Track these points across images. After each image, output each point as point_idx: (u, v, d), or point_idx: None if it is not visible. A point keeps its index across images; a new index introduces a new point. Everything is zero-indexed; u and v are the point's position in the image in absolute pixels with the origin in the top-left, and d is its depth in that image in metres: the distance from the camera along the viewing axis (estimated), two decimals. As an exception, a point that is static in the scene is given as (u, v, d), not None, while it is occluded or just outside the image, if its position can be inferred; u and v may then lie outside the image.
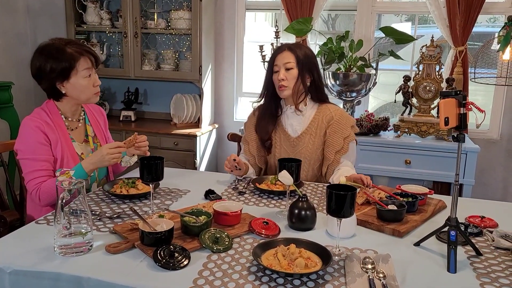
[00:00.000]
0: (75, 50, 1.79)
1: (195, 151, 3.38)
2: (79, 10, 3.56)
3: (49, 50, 1.78)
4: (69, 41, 1.83)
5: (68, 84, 1.81)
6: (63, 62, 1.76)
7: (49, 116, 1.85)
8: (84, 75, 1.80)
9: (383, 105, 4.59)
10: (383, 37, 3.34)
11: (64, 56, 1.76)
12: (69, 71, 1.77)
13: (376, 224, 1.57)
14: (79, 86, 1.81)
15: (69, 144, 1.87)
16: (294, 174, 1.64)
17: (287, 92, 2.07)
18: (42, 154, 1.78)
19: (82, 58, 1.79)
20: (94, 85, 1.85)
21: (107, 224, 1.54)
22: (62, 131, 1.86)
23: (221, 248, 1.36)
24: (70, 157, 1.84)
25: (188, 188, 1.95)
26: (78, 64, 1.78)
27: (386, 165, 3.12)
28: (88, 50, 1.84)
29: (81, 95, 1.84)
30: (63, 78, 1.79)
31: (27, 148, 1.77)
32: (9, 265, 1.25)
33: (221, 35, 3.72)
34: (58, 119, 1.87)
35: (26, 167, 1.77)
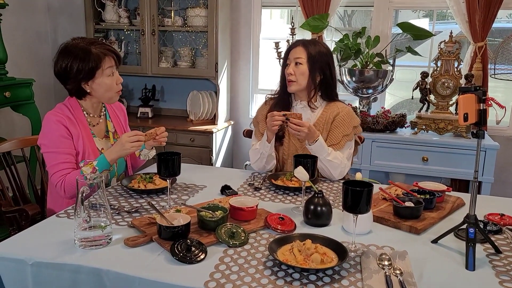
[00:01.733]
0: (100, 50, 1.82)
1: (211, 147, 3.40)
2: (98, 8, 3.61)
3: (75, 51, 1.80)
4: (93, 41, 1.86)
5: (93, 84, 1.84)
6: (90, 62, 1.79)
7: (71, 111, 1.88)
8: (108, 74, 1.84)
9: (399, 102, 4.54)
10: (400, 33, 3.31)
11: (91, 56, 1.79)
12: (95, 71, 1.81)
13: (392, 221, 1.57)
14: (104, 85, 1.85)
15: (90, 139, 1.90)
16: (310, 170, 1.64)
17: (294, 87, 2.07)
18: (65, 147, 1.81)
19: (106, 58, 1.83)
20: (117, 83, 1.88)
21: (125, 218, 1.57)
22: (84, 126, 1.89)
23: (237, 243, 1.37)
24: (91, 151, 1.88)
25: (204, 184, 1.96)
26: (103, 64, 1.81)
27: (402, 162, 3.09)
28: (111, 49, 1.88)
29: (105, 94, 1.88)
30: (89, 78, 1.82)
31: (50, 142, 1.81)
32: (31, 257, 1.28)
33: (237, 32, 3.73)
34: (80, 114, 1.90)
35: (50, 160, 1.81)
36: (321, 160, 1.97)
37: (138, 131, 1.83)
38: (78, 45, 1.82)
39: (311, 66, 2.04)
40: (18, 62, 3.55)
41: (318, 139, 1.94)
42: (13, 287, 1.31)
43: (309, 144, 1.95)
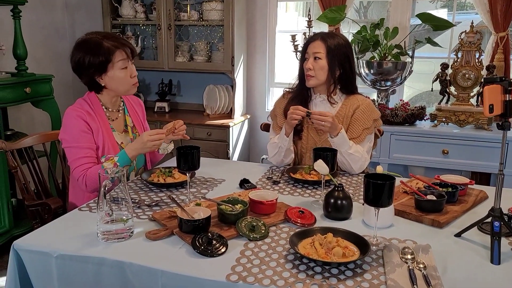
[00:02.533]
0: (111, 43, 1.82)
1: (228, 142, 3.41)
2: (114, 3, 3.63)
3: (87, 45, 1.83)
4: (106, 35, 1.87)
5: (106, 77, 1.85)
6: (100, 56, 1.80)
7: (90, 106, 1.90)
8: (120, 67, 1.84)
9: (418, 94, 4.47)
10: (419, 24, 3.25)
11: (101, 50, 1.80)
12: (106, 64, 1.82)
13: (414, 215, 1.55)
14: (117, 78, 1.85)
15: (110, 133, 1.92)
16: (330, 164, 1.63)
17: (313, 81, 2.05)
18: (85, 142, 1.83)
19: (117, 51, 1.82)
20: (131, 76, 1.88)
21: (146, 211, 1.58)
22: (103, 121, 1.91)
23: (257, 236, 1.37)
24: (110, 146, 1.89)
25: (223, 177, 1.97)
26: (114, 57, 1.82)
27: (422, 155, 3.05)
28: (124, 42, 1.88)
29: (119, 87, 1.89)
30: (101, 72, 1.84)
31: (71, 137, 1.83)
32: (55, 250, 1.30)
33: (253, 25, 3.71)
34: (99, 109, 1.92)
35: (71, 155, 1.83)
36: (342, 154, 1.95)
37: (160, 129, 1.83)
38: (91, 39, 1.83)
39: (330, 60, 2.02)
40: (38, 58, 3.60)
41: (341, 131, 1.92)
42: (38, 279, 1.34)
43: (332, 136, 1.93)
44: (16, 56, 2.95)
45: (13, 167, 1.98)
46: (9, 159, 1.98)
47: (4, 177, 2.73)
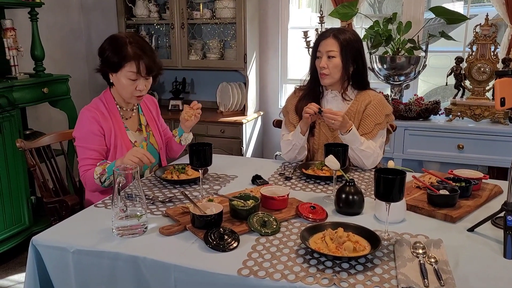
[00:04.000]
0: (132, 52, 1.82)
1: (241, 138, 3.43)
2: (128, 4, 3.68)
3: (113, 41, 1.87)
4: (137, 42, 1.86)
5: (115, 77, 1.89)
6: (116, 56, 1.83)
7: (105, 105, 1.94)
8: (127, 76, 1.85)
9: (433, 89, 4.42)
10: (433, 18, 3.21)
11: (121, 52, 1.82)
12: (117, 66, 1.85)
13: (426, 209, 1.54)
14: (121, 83, 1.88)
15: (123, 132, 1.96)
16: (341, 159, 1.63)
17: (328, 80, 2.05)
18: (93, 143, 1.88)
19: (132, 62, 1.83)
20: (136, 89, 1.88)
21: (159, 207, 1.61)
22: (117, 120, 1.95)
23: (269, 232, 1.39)
24: (123, 144, 1.93)
25: (235, 174, 1.98)
26: (126, 65, 1.83)
27: (437, 150, 3.02)
28: (145, 58, 1.83)
29: (122, 91, 1.92)
30: (111, 70, 1.88)
31: (82, 136, 1.89)
32: (72, 245, 1.34)
33: (265, 22, 3.72)
34: (114, 108, 1.96)
35: (80, 153, 1.90)
36: (353, 150, 1.95)
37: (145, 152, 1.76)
38: (120, 38, 1.86)
39: (344, 57, 2.01)
40: (55, 58, 3.67)
41: (351, 129, 1.91)
42: (56, 273, 1.38)
43: (342, 134, 1.93)
44: (34, 57, 3.02)
45: (32, 166, 2.03)
46: (28, 158, 2.03)
47: (24, 176, 2.80)
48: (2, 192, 2.68)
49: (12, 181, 2.74)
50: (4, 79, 2.78)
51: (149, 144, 2.06)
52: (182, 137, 2.11)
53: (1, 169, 2.66)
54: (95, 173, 1.81)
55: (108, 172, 1.80)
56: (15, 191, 2.77)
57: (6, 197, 2.71)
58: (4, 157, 2.68)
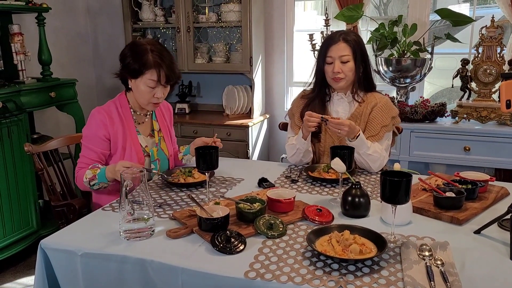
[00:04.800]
0: (153, 60, 1.84)
1: (247, 141, 3.44)
2: (135, 8, 3.71)
3: (134, 47, 1.88)
4: (158, 50, 1.87)
5: (133, 83, 1.91)
6: (136, 63, 1.85)
7: (118, 109, 1.96)
8: (147, 84, 1.86)
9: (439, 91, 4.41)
10: (439, 20, 3.21)
11: (141, 59, 1.84)
12: (137, 73, 1.86)
13: (433, 212, 1.54)
14: (140, 90, 1.90)
15: (134, 136, 1.98)
16: (347, 162, 1.63)
17: (343, 83, 2.05)
18: (95, 146, 1.91)
19: (152, 70, 1.84)
20: (154, 96, 1.90)
21: (166, 211, 1.62)
22: (129, 124, 1.97)
23: (275, 234, 1.39)
24: (133, 148, 1.95)
25: (241, 177, 1.99)
26: (146, 73, 1.85)
27: (443, 153, 3.01)
28: (165, 67, 1.85)
29: (139, 97, 1.94)
30: (131, 76, 1.89)
31: (87, 136, 1.92)
32: (80, 248, 1.35)
33: (271, 25, 3.73)
34: (127, 112, 1.98)
35: (82, 150, 1.94)
36: (361, 155, 1.95)
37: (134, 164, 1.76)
38: (141, 45, 1.88)
39: (355, 60, 2.02)
40: (62, 62, 3.70)
41: (359, 134, 1.91)
42: (64, 276, 1.39)
43: (350, 140, 1.93)
44: (41, 61, 3.05)
45: (39, 169, 2.05)
46: (36, 162, 2.05)
47: (31, 179, 2.83)
48: (10, 195, 2.71)
49: (20, 185, 2.77)
50: (12, 84, 2.81)
51: (160, 149, 2.08)
52: (186, 156, 2.15)
53: (9, 172, 2.69)
54: (84, 176, 1.84)
55: (98, 179, 1.82)
56: (23, 195, 2.79)
57: (14, 201, 2.74)
58: (12, 160, 2.70)
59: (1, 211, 2.66)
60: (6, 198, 2.68)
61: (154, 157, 2.05)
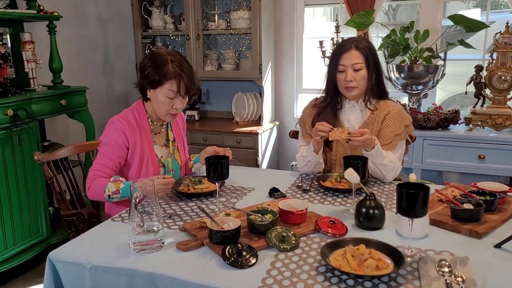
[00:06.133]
0: (173, 70, 1.82)
1: (257, 149, 3.41)
2: (145, 15, 3.71)
3: (154, 58, 1.86)
4: (178, 61, 1.85)
5: (152, 94, 1.89)
6: (156, 74, 1.83)
7: (136, 117, 1.94)
8: (166, 94, 1.85)
9: (451, 97, 4.35)
10: (451, 26, 3.16)
11: (161, 70, 1.82)
12: (157, 84, 1.84)
13: (450, 224, 1.49)
14: (158, 101, 1.88)
15: (151, 146, 1.96)
16: (360, 172, 1.60)
17: (356, 92, 2.01)
18: (113, 154, 1.88)
19: (172, 81, 1.82)
20: (173, 107, 1.88)
21: (176, 222, 1.59)
22: (146, 133, 1.95)
23: (288, 247, 1.36)
24: (149, 158, 1.94)
25: (252, 186, 1.96)
26: (166, 83, 1.83)
27: (457, 161, 2.96)
28: (186, 78, 1.83)
29: (157, 108, 1.92)
30: (151, 86, 1.87)
31: (105, 143, 1.89)
32: (88, 261, 1.33)
33: (280, 32, 3.71)
34: (145, 121, 1.97)
35: (98, 157, 1.91)
36: (376, 165, 1.92)
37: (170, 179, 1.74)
38: (161, 55, 1.86)
39: (369, 68, 1.99)
40: (73, 70, 3.71)
41: (376, 144, 1.86)
42: (73, 289, 1.37)
43: (367, 150, 1.88)
44: (52, 69, 3.05)
45: (49, 178, 2.04)
46: (46, 171, 2.04)
47: (42, 187, 2.82)
48: (21, 203, 2.70)
49: (31, 192, 2.76)
50: (23, 92, 2.81)
51: (173, 160, 2.06)
52: (196, 165, 2.14)
53: (20, 180, 2.69)
54: (106, 189, 1.78)
55: (122, 193, 1.78)
56: (33, 202, 2.79)
57: (25, 208, 2.74)
58: (23, 168, 2.70)
59: (11, 219, 2.65)
60: (16, 206, 2.67)
61: (169, 168, 2.03)
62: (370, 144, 1.85)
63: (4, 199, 2.60)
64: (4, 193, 2.59)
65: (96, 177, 1.85)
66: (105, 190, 1.79)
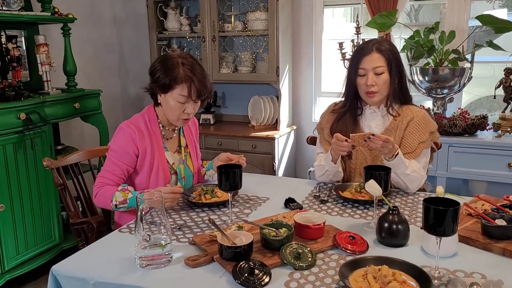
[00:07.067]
0: (184, 74, 1.75)
1: (273, 154, 3.31)
2: (160, 17, 3.66)
3: (165, 61, 1.80)
4: (190, 64, 1.78)
5: (163, 98, 1.82)
6: (167, 78, 1.76)
7: (146, 124, 1.88)
8: (177, 99, 1.78)
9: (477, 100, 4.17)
10: (478, 27, 3.01)
11: (171, 73, 1.75)
12: (167, 88, 1.78)
13: (481, 242, 1.38)
14: (168, 105, 1.81)
15: (162, 153, 1.89)
16: (382, 184, 1.49)
17: (377, 98, 1.90)
18: (122, 161, 1.82)
19: (183, 84, 1.75)
20: (184, 112, 1.82)
21: (186, 234, 1.51)
22: (157, 139, 1.89)
23: (303, 265, 1.26)
24: (160, 166, 1.87)
25: (267, 196, 1.87)
26: (177, 88, 1.76)
27: (484, 169, 2.80)
28: (197, 82, 1.76)
29: (168, 113, 1.85)
30: (161, 91, 1.81)
31: (114, 149, 1.83)
32: (92, 277, 1.26)
33: (299, 34, 3.61)
34: (156, 127, 1.90)
35: (106, 164, 1.85)
36: (398, 175, 1.80)
37: (177, 188, 1.71)
38: (172, 58, 1.79)
39: (391, 72, 1.87)
40: (88, 72, 3.69)
41: (397, 153, 1.75)
42: (76, 305, 1.30)
43: (387, 159, 1.77)
44: (66, 72, 3.02)
45: (58, 185, 1.98)
46: (55, 177, 1.98)
47: (55, 192, 2.79)
48: (33, 207, 2.67)
49: (43, 197, 2.73)
50: (36, 95, 2.78)
51: (186, 166, 1.99)
52: (209, 172, 2.06)
53: (32, 184, 2.65)
54: (114, 199, 1.73)
55: (129, 203, 1.72)
56: (46, 207, 2.76)
57: (37, 214, 2.70)
58: (35, 172, 2.67)
59: (23, 224, 2.62)
60: (28, 210, 2.64)
61: (181, 175, 1.96)
62: (389, 152, 1.74)
63: (16, 203, 2.57)
64: (16, 198, 2.56)
65: (104, 185, 1.79)
66: (112, 200, 1.74)
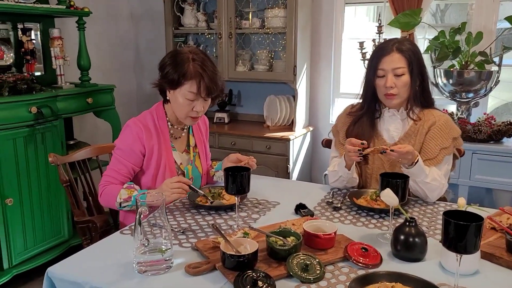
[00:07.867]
0: (193, 70, 1.69)
1: (288, 156, 3.22)
2: (177, 13, 3.61)
3: (175, 56, 1.74)
4: (201, 60, 1.72)
5: (172, 95, 1.77)
6: (176, 73, 1.70)
7: (155, 121, 1.82)
8: (185, 96, 1.72)
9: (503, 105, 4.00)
10: (507, 29, 2.86)
11: (181, 69, 1.69)
12: (176, 84, 1.72)
13: (506, 259, 1.27)
14: (178, 102, 1.75)
15: (169, 151, 1.83)
16: (400, 193, 1.40)
17: (397, 101, 1.80)
18: (128, 160, 1.77)
19: (192, 81, 1.69)
20: (193, 109, 1.75)
21: (190, 238, 1.44)
22: (165, 138, 1.83)
23: (311, 278, 1.18)
24: (167, 166, 1.81)
25: (277, 200, 1.79)
26: (186, 84, 1.70)
27: (509, 178, 2.66)
28: (207, 78, 1.70)
29: (177, 111, 1.79)
30: (170, 87, 1.75)
31: (120, 148, 1.79)
32: (87, 281, 1.20)
33: (318, 32, 3.51)
34: (164, 125, 1.84)
35: (111, 162, 1.81)
36: (417, 183, 1.70)
37: (183, 178, 1.67)
38: (182, 54, 1.73)
39: (412, 73, 1.77)
40: (104, 68, 3.66)
41: (417, 160, 1.65)
42: (71, 310, 1.24)
43: (407, 167, 1.67)
44: (80, 66, 2.99)
45: (64, 181, 1.94)
46: (61, 174, 1.94)
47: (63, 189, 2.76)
48: (42, 203, 2.65)
49: (52, 192, 2.70)
50: (49, 89, 2.76)
51: (194, 167, 1.92)
52: (217, 173, 1.99)
53: (42, 179, 2.63)
54: (118, 196, 1.69)
55: (133, 201, 1.67)
56: (55, 202, 2.73)
57: (46, 209, 2.68)
58: (46, 167, 2.64)
59: (32, 218, 2.60)
60: (37, 205, 2.62)
61: (189, 175, 1.89)
62: (408, 160, 1.63)
63: (25, 198, 2.55)
64: (25, 192, 2.54)
65: (109, 184, 1.74)
66: (117, 198, 1.69)
